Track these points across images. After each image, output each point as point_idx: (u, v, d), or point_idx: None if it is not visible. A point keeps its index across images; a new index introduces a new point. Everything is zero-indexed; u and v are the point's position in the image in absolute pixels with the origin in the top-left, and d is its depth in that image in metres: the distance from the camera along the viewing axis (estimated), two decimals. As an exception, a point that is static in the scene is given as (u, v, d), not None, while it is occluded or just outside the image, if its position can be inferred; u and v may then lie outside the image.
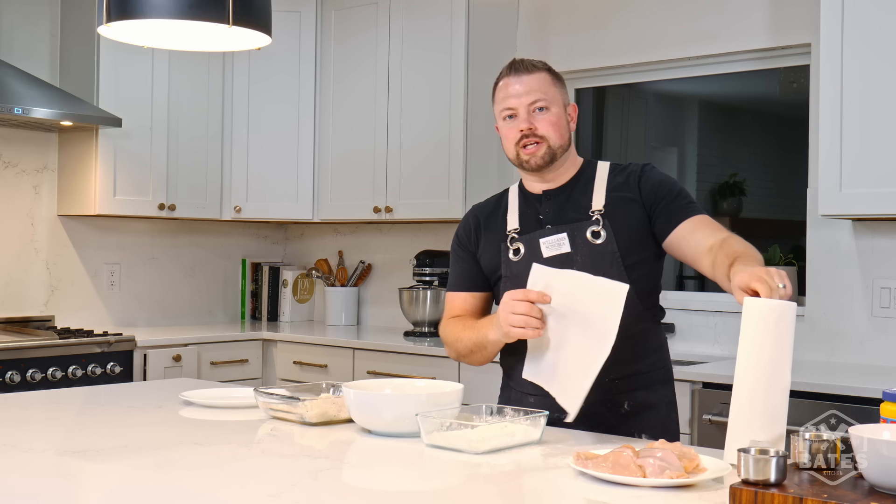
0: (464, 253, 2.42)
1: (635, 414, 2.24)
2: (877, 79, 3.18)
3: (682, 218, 2.22)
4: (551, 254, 2.26)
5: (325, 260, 5.16)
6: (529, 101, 2.27)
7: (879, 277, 3.52)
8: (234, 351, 4.54)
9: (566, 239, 2.25)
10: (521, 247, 2.30)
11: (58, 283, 4.58)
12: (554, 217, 2.30)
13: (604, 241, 2.23)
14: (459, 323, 2.35)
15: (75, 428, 2.32)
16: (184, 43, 2.69)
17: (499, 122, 2.35)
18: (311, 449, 2.00)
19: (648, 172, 2.29)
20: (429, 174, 4.39)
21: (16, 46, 4.40)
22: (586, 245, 2.23)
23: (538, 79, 2.29)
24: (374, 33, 4.60)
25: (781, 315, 1.72)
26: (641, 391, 2.26)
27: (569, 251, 2.25)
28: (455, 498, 1.67)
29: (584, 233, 2.24)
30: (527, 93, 2.27)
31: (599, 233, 2.23)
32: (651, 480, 1.62)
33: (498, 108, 2.34)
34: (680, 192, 2.27)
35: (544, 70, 2.32)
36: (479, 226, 2.41)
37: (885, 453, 1.41)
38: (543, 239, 2.27)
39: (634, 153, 4.61)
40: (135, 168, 4.46)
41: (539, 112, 2.27)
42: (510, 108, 2.29)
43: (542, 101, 2.27)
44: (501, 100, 2.32)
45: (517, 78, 2.30)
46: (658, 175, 2.30)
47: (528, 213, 2.34)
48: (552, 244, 2.26)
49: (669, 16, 4.09)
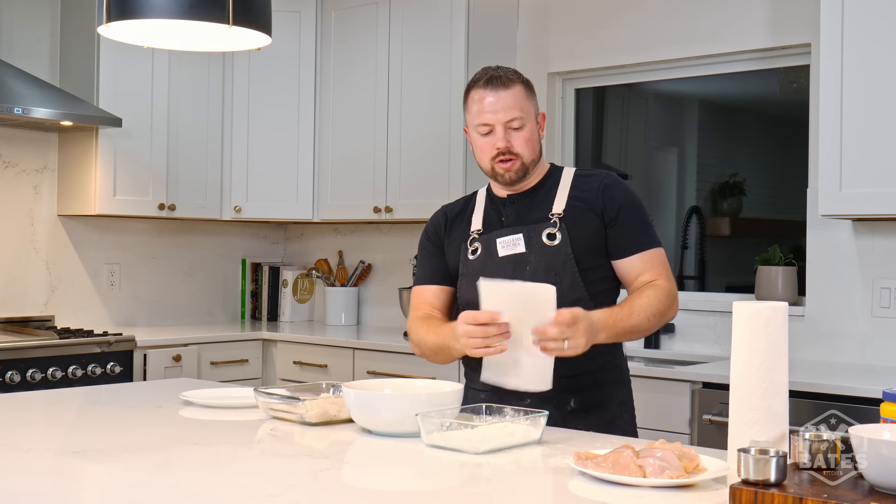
0: (433, 248, 2.48)
1: (582, 412, 2.29)
2: (877, 78, 3.18)
3: (633, 251, 2.32)
4: (506, 253, 2.32)
5: (325, 260, 5.16)
6: (506, 119, 2.31)
7: (879, 277, 3.52)
8: (234, 351, 4.54)
9: (521, 239, 2.32)
10: (479, 247, 2.36)
11: (58, 283, 4.58)
12: (515, 219, 2.37)
13: (559, 242, 2.29)
14: (424, 325, 2.39)
15: (75, 428, 2.32)
16: (184, 43, 2.68)
17: (471, 132, 2.39)
18: (311, 449, 2.00)
19: (612, 187, 2.35)
20: (429, 174, 4.40)
21: (16, 46, 4.40)
22: (541, 246, 2.30)
23: (514, 94, 2.32)
24: (374, 33, 4.60)
25: (770, 318, 1.73)
26: (590, 390, 2.31)
27: (523, 251, 2.31)
28: (455, 498, 1.67)
29: (539, 234, 2.31)
30: (504, 110, 2.31)
31: (555, 235, 2.29)
32: (651, 480, 1.62)
33: (472, 119, 2.37)
34: (638, 221, 2.34)
35: (519, 83, 2.35)
36: (446, 223, 2.48)
37: (885, 453, 1.41)
38: (500, 238, 2.34)
39: (634, 153, 4.61)
40: (135, 168, 4.46)
41: (514, 131, 2.32)
42: (486, 123, 2.33)
43: (517, 119, 2.32)
44: (477, 113, 2.35)
45: (494, 93, 2.32)
46: (621, 195, 2.35)
47: (492, 214, 2.41)
48: (508, 244, 2.33)
49: (670, 16, 4.09)
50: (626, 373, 2.42)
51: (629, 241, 2.32)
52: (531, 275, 2.28)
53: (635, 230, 2.33)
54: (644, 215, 2.37)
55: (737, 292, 4.10)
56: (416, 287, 2.49)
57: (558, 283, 2.23)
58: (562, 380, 2.22)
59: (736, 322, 1.76)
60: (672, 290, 2.30)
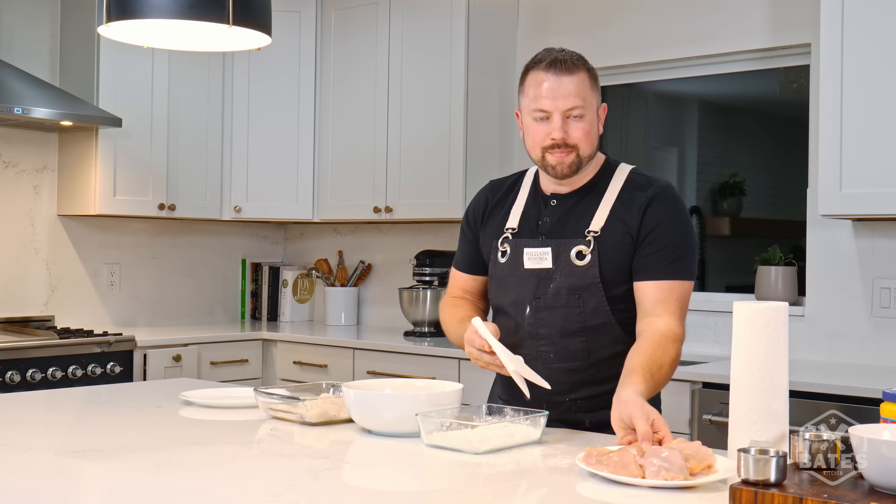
0: (469, 235, 2.39)
1: (596, 430, 2.19)
2: (877, 79, 3.18)
3: (651, 277, 2.14)
4: (533, 266, 2.21)
5: (325, 260, 5.16)
6: (567, 108, 2.13)
7: (879, 277, 3.52)
8: (234, 351, 4.54)
9: (549, 254, 2.20)
10: (509, 250, 2.26)
11: (58, 283, 4.58)
12: (551, 227, 2.23)
13: (587, 263, 2.16)
14: (451, 311, 2.36)
15: (75, 428, 2.32)
16: (184, 43, 2.68)
17: (524, 116, 2.21)
18: (311, 449, 2.00)
19: (654, 209, 2.16)
20: (429, 174, 4.40)
21: (16, 46, 4.40)
22: (568, 265, 2.18)
23: (578, 82, 2.14)
24: (374, 33, 4.60)
25: (770, 318, 1.73)
26: (604, 410, 2.12)
27: (550, 267, 2.20)
28: (455, 498, 1.67)
29: (568, 251, 2.18)
30: (564, 97, 2.13)
31: (585, 255, 2.17)
32: (648, 481, 1.62)
33: (527, 103, 2.18)
34: (670, 245, 2.14)
35: (584, 69, 2.16)
36: (485, 211, 2.35)
37: (885, 453, 1.41)
38: (528, 249, 2.23)
39: (634, 153, 4.61)
40: (135, 168, 4.46)
41: (574, 119, 2.14)
42: (544, 110, 2.14)
43: (578, 108, 2.14)
44: (533, 98, 2.16)
45: (556, 78, 2.13)
46: (662, 213, 2.16)
47: (531, 214, 2.28)
48: (535, 257, 2.21)
49: (670, 16, 4.09)
50: None
51: (652, 264, 2.14)
52: (553, 293, 2.18)
53: (663, 254, 2.14)
54: (680, 241, 2.16)
55: (737, 292, 4.09)
56: (453, 267, 2.44)
57: (580, 305, 2.16)
58: (576, 402, 2.21)
59: (736, 322, 1.76)
60: (682, 340, 2.14)
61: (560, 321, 2.19)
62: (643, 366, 2.01)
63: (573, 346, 2.19)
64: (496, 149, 4.43)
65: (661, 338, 2.08)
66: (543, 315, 2.20)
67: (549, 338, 2.20)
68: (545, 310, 2.20)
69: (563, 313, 2.18)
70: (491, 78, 4.40)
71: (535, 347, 2.22)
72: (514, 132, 4.44)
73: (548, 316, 2.20)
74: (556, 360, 2.20)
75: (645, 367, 2.01)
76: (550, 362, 2.20)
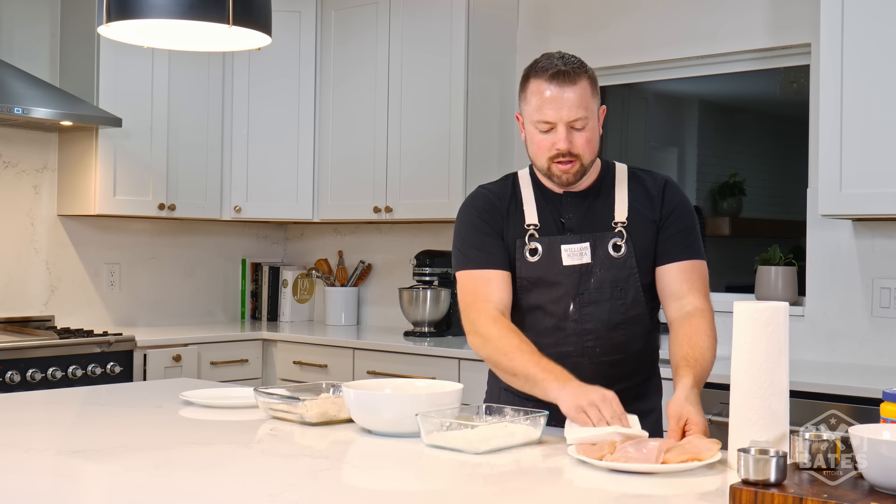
0: (491, 227, 2.27)
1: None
2: (877, 78, 3.18)
3: (674, 259, 2.22)
4: (572, 262, 2.22)
5: (325, 260, 5.16)
6: (570, 119, 2.14)
7: (879, 277, 3.52)
8: (234, 351, 4.54)
9: (588, 249, 2.21)
10: (540, 248, 2.24)
11: (58, 282, 4.58)
12: (577, 223, 2.24)
13: (623, 255, 2.21)
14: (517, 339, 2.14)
15: (75, 428, 2.32)
16: (184, 43, 2.68)
17: (526, 123, 2.21)
18: (311, 449, 2.00)
19: (670, 194, 2.26)
20: (429, 174, 4.40)
21: (16, 46, 4.40)
22: (607, 258, 2.22)
23: (580, 92, 2.14)
24: (374, 34, 4.60)
25: (771, 318, 1.73)
26: (636, 402, 2.20)
27: (589, 262, 2.22)
28: (455, 498, 1.67)
29: (605, 244, 2.21)
30: (568, 108, 2.13)
31: (620, 246, 2.22)
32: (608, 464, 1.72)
33: (530, 112, 2.18)
34: (687, 228, 2.24)
35: (585, 77, 2.17)
36: (502, 208, 2.29)
37: (885, 453, 1.41)
38: (566, 246, 2.22)
39: (634, 153, 4.61)
40: (135, 168, 4.46)
41: (577, 131, 2.16)
42: (548, 121, 2.15)
43: (581, 119, 2.15)
44: (536, 108, 2.16)
45: (559, 89, 2.13)
46: (676, 198, 2.27)
47: (549, 211, 2.27)
48: (574, 253, 2.21)
49: (669, 16, 4.09)
50: (661, 378, 2.39)
51: (673, 246, 2.22)
52: (596, 287, 2.21)
53: (682, 235, 2.23)
54: (693, 223, 2.26)
55: (737, 292, 4.09)
56: (477, 271, 2.24)
57: (622, 297, 2.20)
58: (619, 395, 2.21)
59: (736, 322, 1.77)
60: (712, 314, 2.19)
61: (606, 314, 2.23)
62: (685, 357, 2.10)
63: (616, 338, 2.24)
64: (496, 149, 4.43)
65: (694, 320, 2.16)
66: (588, 310, 2.23)
67: (595, 332, 2.23)
68: (590, 305, 2.23)
69: (608, 306, 2.23)
70: (491, 78, 4.40)
71: (582, 343, 2.23)
72: (514, 132, 4.45)
73: (593, 310, 2.23)
74: (601, 353, 2.23)
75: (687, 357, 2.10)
76: (597, 357, 2.23)
